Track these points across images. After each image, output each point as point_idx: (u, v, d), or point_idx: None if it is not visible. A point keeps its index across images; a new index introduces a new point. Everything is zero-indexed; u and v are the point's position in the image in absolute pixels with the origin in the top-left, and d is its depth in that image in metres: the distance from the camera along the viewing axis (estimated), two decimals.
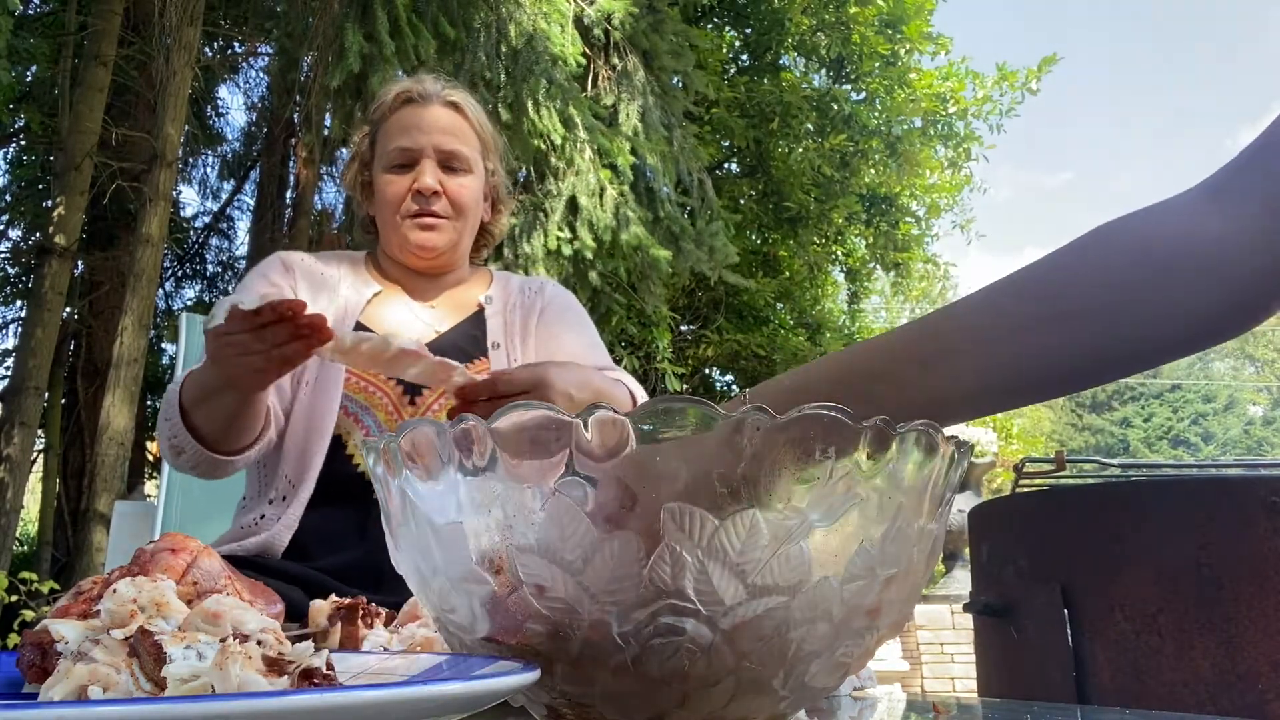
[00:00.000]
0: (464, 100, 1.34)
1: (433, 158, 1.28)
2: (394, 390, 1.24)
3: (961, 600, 4.97)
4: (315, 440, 1.20)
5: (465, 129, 1.32)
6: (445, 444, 0.43)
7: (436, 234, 1.29)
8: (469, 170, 1.31)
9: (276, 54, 6.07)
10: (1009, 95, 8.75)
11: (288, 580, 1.10)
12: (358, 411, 1.22)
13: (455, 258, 1.36)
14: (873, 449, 0.42)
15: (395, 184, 1.28)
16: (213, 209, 8.16)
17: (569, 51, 4.66)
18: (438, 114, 1.30)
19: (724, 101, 7.56)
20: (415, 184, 1.27)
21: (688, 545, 0.39)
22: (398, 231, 1.29)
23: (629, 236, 4.82)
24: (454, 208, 1.29)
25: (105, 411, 4.16)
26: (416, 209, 1.27)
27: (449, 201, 1.29)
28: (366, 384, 1.24)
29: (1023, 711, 0.69)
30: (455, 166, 1.29)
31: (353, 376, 1.24)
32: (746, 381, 8.81)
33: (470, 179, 1.31)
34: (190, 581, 0.45)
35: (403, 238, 1.29)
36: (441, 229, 1.29)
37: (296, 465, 1.21)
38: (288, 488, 1.21)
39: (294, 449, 1.22)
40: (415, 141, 1.27)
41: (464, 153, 1.30)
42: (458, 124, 1.31)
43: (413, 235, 1.28)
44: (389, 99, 1.32)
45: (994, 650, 1.71)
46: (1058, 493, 1.83)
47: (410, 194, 1.27)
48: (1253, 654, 1.29)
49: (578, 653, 0.42)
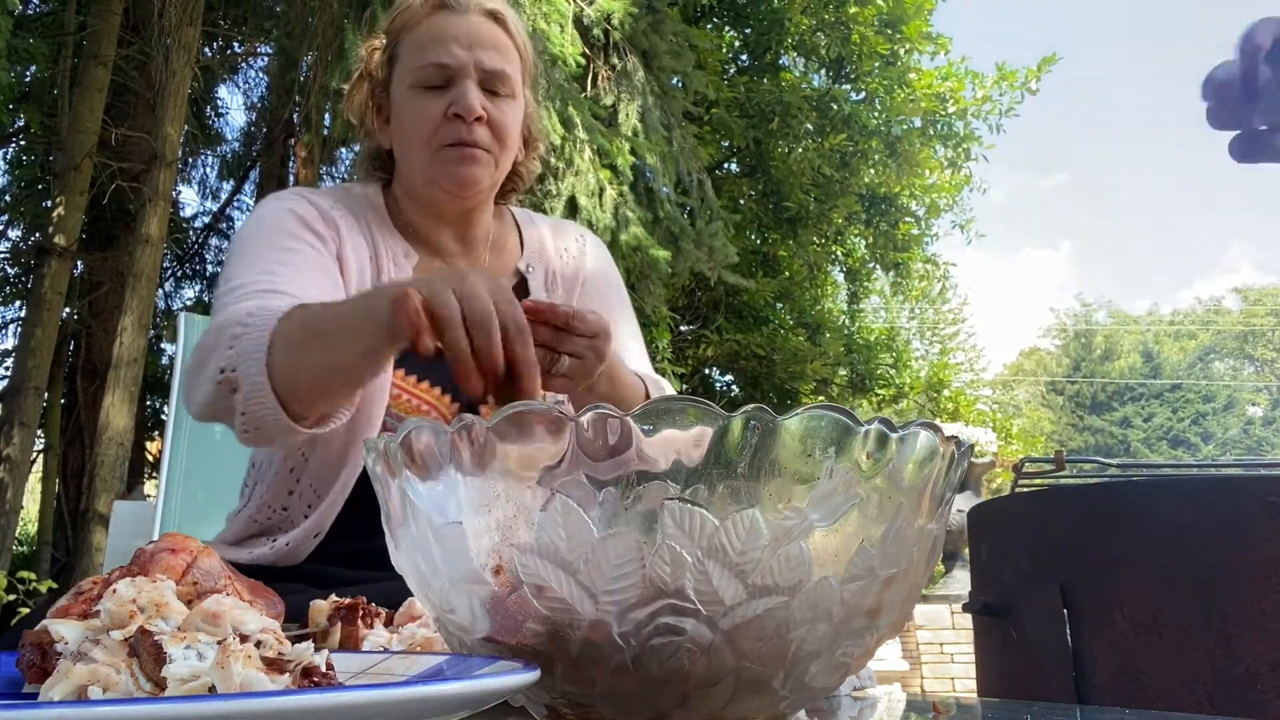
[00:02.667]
0: (505, 9, 1.13)
1: (473, 76, 1.06)
2: (449, 408, 1.08)
3: (961, 600, 4.97)
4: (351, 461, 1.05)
5: (508, 44, 1.10)
6: (445, 444, 0.43)
7: (478, 168, 1.07)
8: (513, 95, 1.10)
9: (276, 54, 6.07)
10: (1008, 95, 8.77)
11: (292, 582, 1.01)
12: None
13: (488, 201, 1.16)
14: (873, 449, 0.42)
15: (428, 105, 1.06)
16: (212, 209, 8.17)
17: (568, 51, 4.66)
18: (479, 24, 1.08)
19: (724, 101, 7.57)
20: (453, 106, 1.05)
21: (687, 545, 0.39)
22: (429, 165, 1.08)
23: (628, 237, 4.82)
24: (497, 138, 1.08)
25: (105, 411, 4.16)
26: (456, 136, 1.05)
27: (491, 131, 1.07)
28: (418, 400, 1.08)
29: (1022, 711, 0.69)
30: (499, 90, 1.08)
31: (403, 393, 1.06)
32: (746, 381, 8.81)
33: (513, 105, 1.10)
34: (190, 581, 0.45)
35: (437, 171, 1.07)
36: (483, 163, 1.07)
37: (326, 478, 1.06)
38: (313, 497, 1.07)
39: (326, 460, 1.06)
40: (454, 56, 1.05)
41: (508, 72, 1.08)
42: (501, 39, 1.10)
43: (450, 170, 1.06)
44: (417, 2, 1.09)
45: (993, 650, 1.71)
46: (1057, 493, 1.83)
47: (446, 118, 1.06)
48: (1251, 654, 1.29)
49: (578, 653, 0.42)
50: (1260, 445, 27.62)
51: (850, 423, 0.41)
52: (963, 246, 39.24)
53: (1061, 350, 31.80)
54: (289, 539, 1.05)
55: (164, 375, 7.03)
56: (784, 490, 0.40)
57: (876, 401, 9.36)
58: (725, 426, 0.40)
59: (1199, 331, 31.65)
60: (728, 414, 0.41)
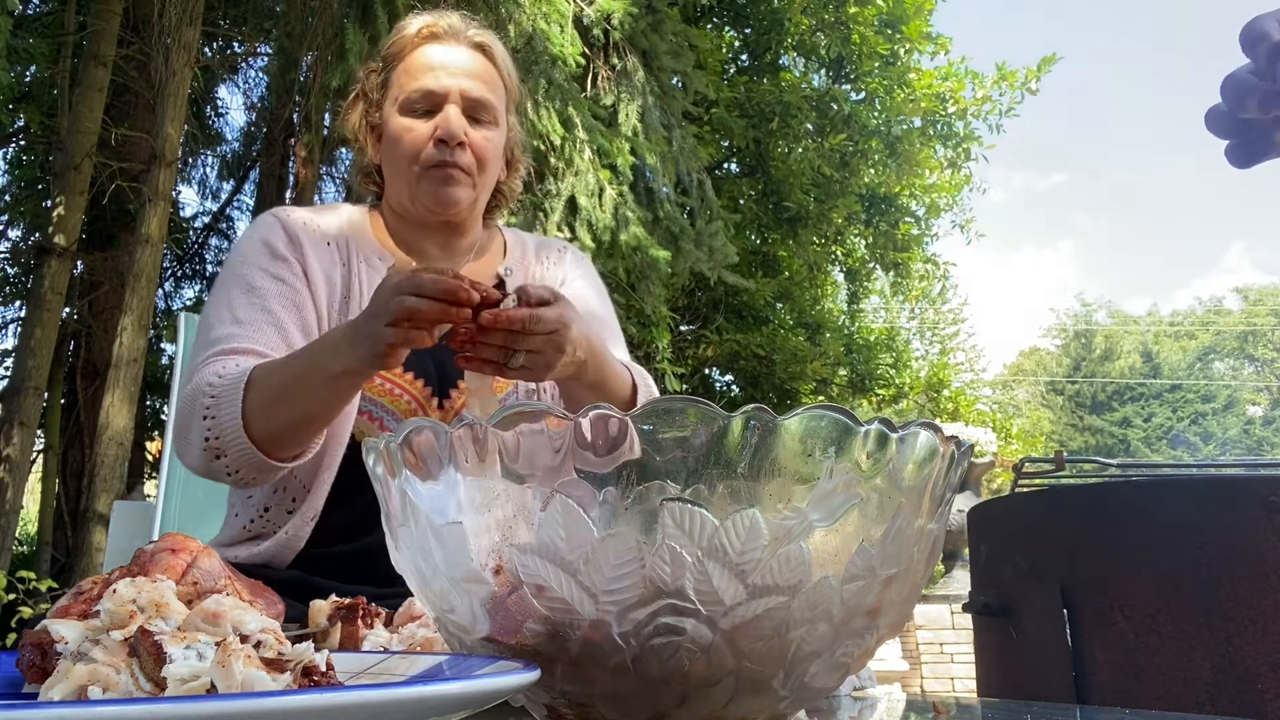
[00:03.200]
0: (492, 43, 1.22)
1: (458, 104, 1.15)
2: (421, 391, 1.16)
3: (961, 600, 4.97)
4: (332, 448, 1.12)
5: (494, 76, 1.20)
6: (445, 444, 0.43)
7: (459, 189, 1.16)
8: (495, 123, 1.19)
9: (276, 54, 6.07)
10: (1008, 95, 8.77)
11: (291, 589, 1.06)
12: (383, 416, 1.14)
13: (471, 217, 1.24)
14: (873, 449, 0.42)
15: (415, 129, 1.15)
16: (212, 209, 8.17)
17: (568, 52, 4.66)
18: (465, 56, 1.18)
19: (723, 101, 7.57)
20: (438, 131, 1.14)
21: (687, 545, 0.39)
22: (414, 184, 1.16)
23: (628, 237, 4.82)
24: (478, 162, 1.17)
25: (105, 411, 4.16)
26: (438, 159, 1.14)
27: (473, 155, 1.16)
28: (391, 386, 1.15)
29: (1022, 711, 0.69)
30: (481, 117, 1.17)
31: (376, 378, 1.14)
32: (746, 381, 8.82)
33: (495, 132, 1.19)
34: (190, 581, 0.45)
35: (420, 191, 1.16)
36: (463, 184, 1.16)
37: (311, 471, 1.13)
38: (299, 489, 1.14)
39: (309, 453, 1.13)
40: (440, 84, 1.15)
41: (491, 102, 1.17)
42: (486, 70, 1.19)
43: (432, 189, 1.15)
44: (410, 32, 1.19)
45: (993, 650, 1.71)
46: (1057, 493, 1.83)
47: (432, 141, 1.14)
48: (1252, 654, 1.29)
49: (578, 653, 0.42)
50: (1260, 445, 27.63)
51: (850, 423, 0.41)
52: (962, 246, 39.27)
53: (1061, 350, 31.80)
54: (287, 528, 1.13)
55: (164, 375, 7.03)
56: (784, 490, 0.40)
57: (876, 401, 9.37)
58: (725, 426, 0.40)
59: (1199, 331, 31.66)
60: (728, 414, 0.41)
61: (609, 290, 1.44)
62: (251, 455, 1.02)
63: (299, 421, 1.02)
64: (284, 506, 1.15)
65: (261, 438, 1.02)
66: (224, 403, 1.02)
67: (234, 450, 1.02)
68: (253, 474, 1.05)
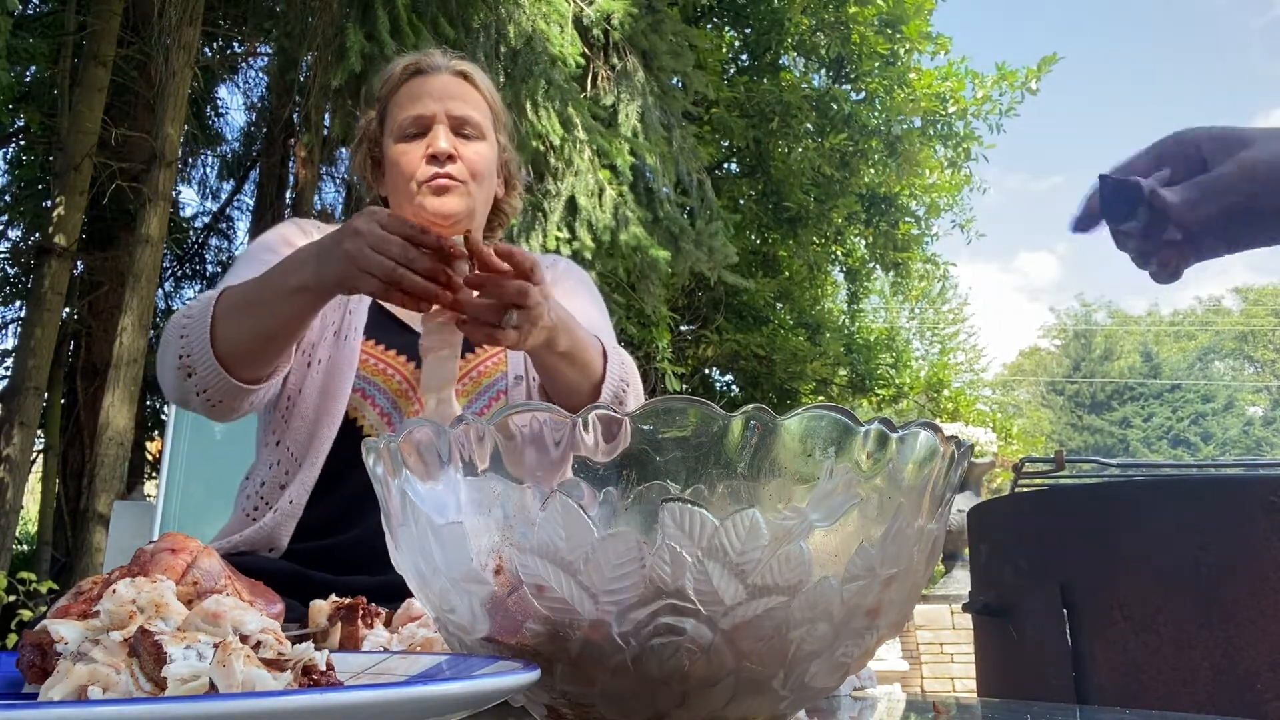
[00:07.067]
0: (473, 70, 1.32)
1: (445, 123, 1.25)
2: (413, 373, 1.23)
3: (961, 600, 4.97)
4: (325, 422, 1.19)
5: (475, 96, 1.30)
6: (445, 444, 0.43)
7: (454, 197, 1.24)
8: (481, 136, 1.28)
9: (276, 54, 6.07)
10: (1008, 95, 8.77)
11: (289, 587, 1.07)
12: (374, 394, 1.21)
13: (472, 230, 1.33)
14: (873, 449, 0.42)
15: (408, 152, 1.25)
16: (212, 209, 8.16)
17: (568, 52, 4.65)
18: (448, 81, 1.28)
19: (724, 101, 7.57)
20: (429, 149, 1.23)
21: (687, 545, 0.39)
22: (413, 200, 1.24)
23: (628, 237, 4.82)
24: (470, 172, 1.25)
25: (105, 411, 4.16)
26: (431, 173, 1.23)
27: (464, 165, 1.25)
28: (384, 366, 1.23)
29: (1022, 712, 0.69)
30: (468, 133, 1.27)
31: (370, 358, 1.22)
32: (746, 381, 8.82)
33: (483, 145, 1.28)
34: (190, 581, 0.45)
35: (419, 206, 1.24)
36: (458, 192, 1.24)
37: (305, 444, 1.20)
38: (292, 464, 1.20)
39: (303, 428, 1.21)
40: (426, 108, 1.25)
41: (475, 118, 1.28)
42: (468, 91, 1.30)
43: (429, 201, 1.23)
44: (396, 72, 1.31)
45: (993, 650, 1.71)
46: (1057, 493, 1.83)
47: (424, 159, 1.24)
48: (1251, 654, 1.29)
49: (578, 653, 0.42)
50: (1260, 445, 27.63)
51: (850, 423, 0.41)
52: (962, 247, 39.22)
53: (1061, 350, 31.81)
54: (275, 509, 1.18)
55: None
56: (784, 490, 0.40)
57: (876, 401, 9.37)
58: (725, 426, 0.40)
59: (1198, 332, 31.66)
60: (728, 414, 0.41)
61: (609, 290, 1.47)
62: (217, 372, 1.08)
63: (259, 336, 1.08)
64: (278, 481, 1.21)
65: (225, 352, 1.08)
66: (195, 320, 1.09)
67: (202, 367, 1.08)
68: (220, 395, 1.10)
